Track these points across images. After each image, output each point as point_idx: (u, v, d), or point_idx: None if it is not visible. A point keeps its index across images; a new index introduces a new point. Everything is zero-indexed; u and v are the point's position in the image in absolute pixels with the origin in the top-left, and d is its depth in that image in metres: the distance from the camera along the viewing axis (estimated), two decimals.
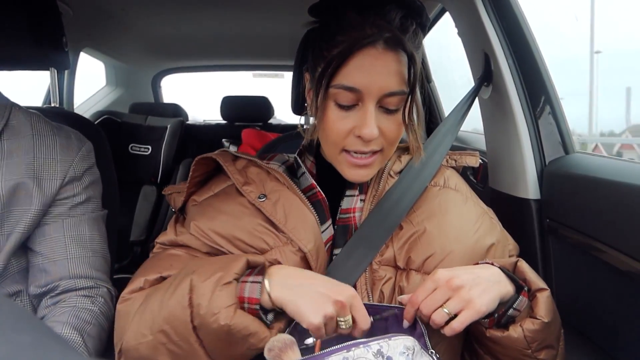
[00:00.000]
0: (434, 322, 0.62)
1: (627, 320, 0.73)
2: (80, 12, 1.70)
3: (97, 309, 0.84)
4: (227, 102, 2.57)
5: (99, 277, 0.88)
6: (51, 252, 0.83)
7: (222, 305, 0.59)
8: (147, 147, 2.23)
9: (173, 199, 0.83)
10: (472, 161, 0.85)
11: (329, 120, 0.70)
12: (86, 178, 0.89)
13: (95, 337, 0.80)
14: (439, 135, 0.88)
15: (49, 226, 0.83)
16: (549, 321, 0.64)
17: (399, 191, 0.77)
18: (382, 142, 0.71)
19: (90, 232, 0.88)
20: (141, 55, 2.59)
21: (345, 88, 0.67)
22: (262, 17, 1.95)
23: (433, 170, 0.81)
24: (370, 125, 0.67)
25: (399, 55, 0.67)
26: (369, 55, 0.66)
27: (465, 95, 0.98)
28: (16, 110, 0.85)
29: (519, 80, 0.96)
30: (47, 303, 0.83)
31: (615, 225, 0.72)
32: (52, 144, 0.84)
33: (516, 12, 0.96)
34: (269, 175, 0.77)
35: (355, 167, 0.72)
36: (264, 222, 0.72)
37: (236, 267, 0.62)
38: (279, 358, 0.58)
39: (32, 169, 0.81)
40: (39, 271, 0.83)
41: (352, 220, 0.76)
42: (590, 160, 0.88)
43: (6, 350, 0.19)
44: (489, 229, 0.77)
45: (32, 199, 0.80)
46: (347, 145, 0.71)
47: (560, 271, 0.90)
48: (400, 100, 0.69)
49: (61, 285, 0.83)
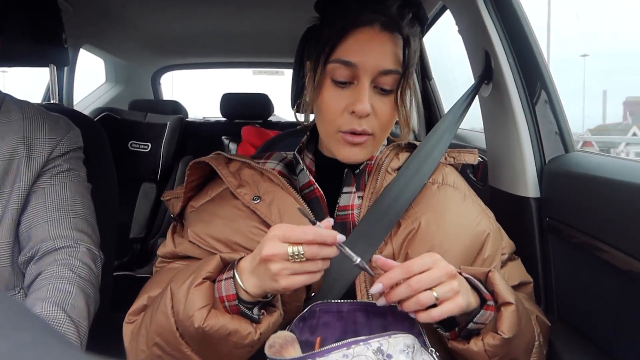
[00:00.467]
0: (419, 301, 0.58)
1: (626, 319, 0.73)
2: (80, 9, 1.70)
3: (75, 275, 0.80)
4: (227, 99, 2.56)
5: (79, 237, 0.86)
6: (33, 218, 0.84)
7: (195, 308, 0.59)
8: (146, 144, 2.23)
9: (172, 205, 0.83)
10: (470, 158, 0.86)
11: (324, 99, 0.73)
12: (70, 155, 0.91)
13: (79, 307, 0.77)
14: (437, 132, 0.88)
15: (31, 195, 0.85)
16: (510, 337, 0.62)
17: (398, 187, 0.77)
18: (374, 124, 0.72)
19: (72, 196, 0.88)
20: (141, 52, 2.59)
21: (342, 62, 0.70)
22: (262, 14, 1.95)
23: (432, 167, 0.81)
24: (364, 100, 0.69)
25: (395, 37, 0.71)
26: (366, 33, 0.70)
27: (465, 92, 0.98)
28: (8, 99, 0.88)
29: (519, 78, 0.95)
30: (31, 271, 0.82)
31: (616, 224, 0.72)
32: (42, 125, 0.87)
33: (517, 10, 0.95)
34: (263, 176, 0.78)
35: (349, 145, 0.73)
36: (260, 224, 0.72)
37: (208, 267, 0.62)
38: (280, 355, 0.58)
39: (23, 148, 0.84)
40: (24, 239, 0.84)
41: (350, 217, 0.76)
42: (590, 159, 0.88)
43: (6, 347, 0.19)
44: (486, 227, 0.77)
45: (21, 175, 0.83)
46: (342, 125, 0.72)
47: (560, 270, 0.90)
48: (395, 81, 0.71)
49: (42, 248, 0.82)
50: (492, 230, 0.78)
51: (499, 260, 0.78)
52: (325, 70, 0.72)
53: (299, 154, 0.82)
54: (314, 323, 0.65)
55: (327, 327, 0.65)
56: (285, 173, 0.81)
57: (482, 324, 0.64)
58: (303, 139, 0.84)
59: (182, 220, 0.82)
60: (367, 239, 0.73)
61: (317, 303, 0.66)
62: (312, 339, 0.63)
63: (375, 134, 0.73)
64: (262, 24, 2.08)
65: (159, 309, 0.63)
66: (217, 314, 0.59)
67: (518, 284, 0.80)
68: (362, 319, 0.66)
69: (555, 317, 0.90)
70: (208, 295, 0.60)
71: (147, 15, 1.98)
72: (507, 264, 0.81)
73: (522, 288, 0.82)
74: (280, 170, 0.81)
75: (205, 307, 0.59)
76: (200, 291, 0.60)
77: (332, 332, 0.64)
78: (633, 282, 0.69)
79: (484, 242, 0.76)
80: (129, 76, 2.76)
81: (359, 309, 0.66)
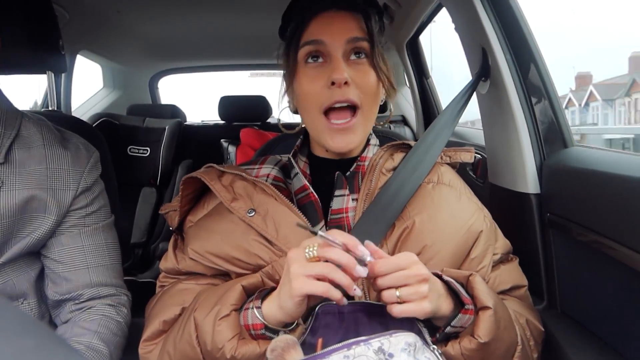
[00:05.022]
0: (382, 297, 0.61)
1: (629, 312, 0.73)
2: (76, 15, 1.70)
3: (122, 320, 0.87)
4: (225, 102, 2.56)
5: (119, 284, 0.91)
6: (71, 261, 0.86)
7: (224, 340, 0.61)
8: (145, 148, 2.23)
9: (170, 217, 0.83)
10: (467, 157, 0.85)
11: (302, 83, 0.75)
12: (96, 188, 0.92)
13: (119, 349, 0.84)
14: (435, 129, 0.88)
15: (65, 236, 0.86)
16: (487, 341, 0.63)
17: (395, 187, 0.76)
18: (357, 94, 0.73)
19: (105, 239, 0.91)
20: (138, 57, 2.59)
21: (310, 42, 0.74)
22: (257, 17, 1.95)
23: (429, 165, 0.81)
24: (340, 68, 0.71)
25: (354, 14, 0.75)
26: (325, 17, 0.74)
27: (462, 89, 0.98)
28: (26, 120, 0.87)
29: (517, 75, 0.96)
30: (72, 308, 0.86)
31: (617, 218, 0.72)
32: (63, 155, 0.87)
33: (513, 6, 0.95)
34: (256, 187, 0.77)
35: (337, 132, 0.74)
36: (257, 237, 0.73)
37: (232, 299, 0.64)
38: (282, 358, 0.58)
39: (46, 179, 0.83)
40: (60, 279, 0.85)
41: (344, 220, 0.76)
42: (590, 153, 0.88)
43: (10, 353, 0.19)
44: (479, 226, 0.77)
45: (47, 208, 0.83)
46: (324, 101, 0.73)
47: (562, 265, 0.90)
48: (365, 47, 0.74)
49: (85, 294, 0.86)
50: (486, 230, 0.77)
51: (488, 261, 0.77)
52: (297, 58, 0.75)
53: (293, 158, 0.82)
54: (316, 325, 0.65)
55: (328, 329, 0.65)
56: (281, 177, 0.81)
57: (460, 327, 0.65)
58: (297, 142, 0.84)
59: (181, 233, 0.82)
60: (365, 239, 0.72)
61: (318, 305, 0.66)
62: (314, 341, 0.63)
63: (362, 105, 0.74)
64: (257, 27, 2.07)
65: (183, 339, 0.65)
66: (246, 342, 0.62)
67: (510, 288, 0.80)
68: (363, 319, 0.66)
69: (559, 312, 0.90)
70: (235, 325, 0.63)
71: (143, 20, 1.98)
72: (499, 267, 0.80)
73: (515, 291, 0.81)
74: (276, 175, 0.81)
75: (235, 337, 0.62)
76: (227, 322, 0.62)
77: (333, 333, 0.64)
78: (635, 275, 0.69)
79: (475, 242, 0.75)
80: (127, 81, 2.76)
81: (360, 310, 0.66)
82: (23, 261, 0.84)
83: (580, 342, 0.80)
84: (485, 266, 0.76)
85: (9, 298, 0.81)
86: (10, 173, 0.80)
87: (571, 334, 0.82)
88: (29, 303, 0.84)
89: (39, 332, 0.23)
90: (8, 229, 0.79)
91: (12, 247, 0.81)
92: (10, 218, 0.79)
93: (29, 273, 0.85)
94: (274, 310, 0.62)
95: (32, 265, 0.86)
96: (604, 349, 0.77)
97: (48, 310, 0.88)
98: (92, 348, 0.78)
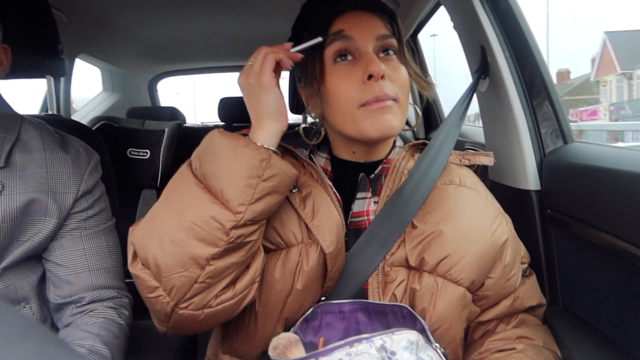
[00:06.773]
0: None
1: (631, 307, 0.73)
2: (75, 19, 1.70)
3: (124, 322, 0.87)
4: (225, 103, 2.56)
5: (121, 286, 0.91)
6: (72, 264, 0.86)
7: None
8: (145, 151, 2.23)
9: None
10: (486, 160, 0.83)
11: (333, 82, 0.71)
12: (97, 190, 0.92)
13: (121, 351, 0.84)
14: (443, 131, 0.87)
15: (66, 239, 0.86)
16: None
17: (410, 188, 0.75)
18: (393, 88, 0.70)
19: (107, 242, 0.91)
20: (137, 60, 2.59)
21: (339, 36, 0.71)
22: (257, 19, 1.95)
23: (441, 166, 0.79)
24: (376, 61, 0.68)
25: (380, 15, 0.74)
26: (352, 16, 0.72)
27: (465, 90, 0.98)
28: (26, 124, 0.87)
29: (516, 72, 0.95)
30: (73, 311, 0.86)
31: (617, 213, 0.72)
32: (64, 158, 0.87)
33: (511, 4, 0.95)
34: (304, 168, 0.76)
35: (379, 113, 0.69)
36: (294, 213, 0.71)
37: None
38: (284, 355, 0.58)
39: (46, 183, 0.83)
40: (62, 282, 0.85)
41: (364, 223, 0.74)
42: (590, 149, 0.88)
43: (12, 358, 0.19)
44: (504, 233, 0.76)
45: (48, 211, 0.83)
46: (362, 97, 0.69)
47: (563, 261, 0.90)
48: (393, 44, 0.73)
49: (87, 296, 0.86)
50: (511, 237, 0.77)
51: (518, 268, 0.77)
52: (323, 59, 0.72)
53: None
54: (317, 324, 0.65)
55: (329, 328, 0.65)
56: (329, 169, 0.79)
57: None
58: (312, 142, 0.81)
59: None
60: (380, 240, 0.71)
61: (319, 304, 0.66)
62: (316, 340, 0.63)
63: (398, 99, 0.70)
64: (256, 28, 2.08)
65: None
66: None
67: (536, 305, 0.80)
68: (363, 318, 0.66)
69: (560, 308, 0.90)
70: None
71: (142, 23, 1.99)
72: (524, 281, 0.80)
73: (537, 310, 0.81)
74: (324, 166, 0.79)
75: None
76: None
77: (335, 332, 0.64)
78: (637, 270, 0.69)
79: (502, 248, 0.74)
80: (126, 84, 2.76)
81: (360, 309, 0.66)
82: (25, 265, 0.84)
83: (583, 338, 0.80)
84: (516, 274, 0.76)
85: (10, 302, 0.81)
86: (11, 177, 0.80)
87: (573, 330, 0.82)
88: (30, 307, 0.84)
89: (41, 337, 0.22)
90: (9, 232, 0.79)
91: (14, 251, 0.81)
92: (11, 222, 0.79)
93: (30, 277, 0.85)
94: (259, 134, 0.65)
95: (33, 269, 0.86)
96: (606, 345, 0.77)
97: (50, 314, 0.88)
98: (94, 351, 0.78)
